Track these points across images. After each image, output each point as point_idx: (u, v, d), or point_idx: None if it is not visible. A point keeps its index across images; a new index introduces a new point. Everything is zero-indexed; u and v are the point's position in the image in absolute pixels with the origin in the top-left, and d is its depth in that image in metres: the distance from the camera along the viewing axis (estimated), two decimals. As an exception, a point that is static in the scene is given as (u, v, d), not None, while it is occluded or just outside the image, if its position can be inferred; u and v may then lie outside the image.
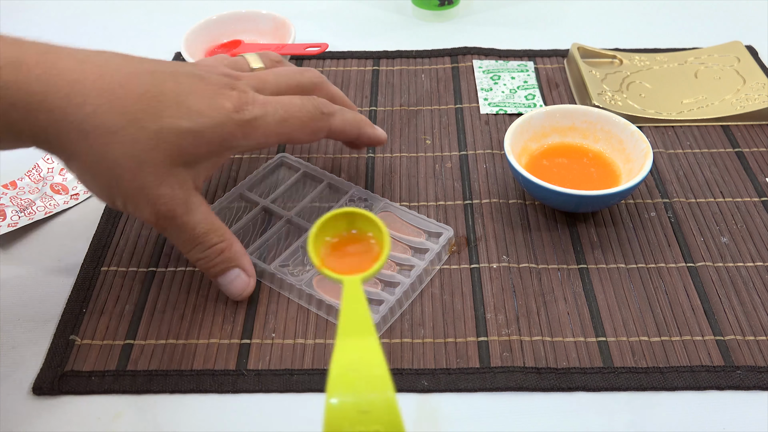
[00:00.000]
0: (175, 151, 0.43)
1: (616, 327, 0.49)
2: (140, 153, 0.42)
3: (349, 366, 0.29)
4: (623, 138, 0.57)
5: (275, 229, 0.54)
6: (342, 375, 0.29)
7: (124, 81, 0.42)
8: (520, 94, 0.69)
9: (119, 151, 0.41)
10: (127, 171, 0.42)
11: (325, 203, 0.57)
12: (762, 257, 0.53)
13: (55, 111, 0.40)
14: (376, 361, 0.30)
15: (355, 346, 0.30)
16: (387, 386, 0.29)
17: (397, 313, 0.49)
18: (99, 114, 0.41)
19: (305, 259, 0.52)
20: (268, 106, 0.46)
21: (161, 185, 0.43)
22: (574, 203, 0.53)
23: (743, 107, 0.65)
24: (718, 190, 0.58)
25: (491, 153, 0.62)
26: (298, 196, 0.57)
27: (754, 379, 0.45)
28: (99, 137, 0.41)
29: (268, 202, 0.56)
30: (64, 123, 0.40)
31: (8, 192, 0.59)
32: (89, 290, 0.52)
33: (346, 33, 0.80)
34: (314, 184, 0.58)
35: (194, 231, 0.46)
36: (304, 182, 0.59)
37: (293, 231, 0.54)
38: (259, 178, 0.59)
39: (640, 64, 0.72)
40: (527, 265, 0.52)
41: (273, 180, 0.59)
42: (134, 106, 0.41)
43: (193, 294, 0.51)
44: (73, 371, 0.46)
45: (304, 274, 0.50)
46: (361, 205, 0.54)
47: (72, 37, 0.80)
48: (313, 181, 0.58)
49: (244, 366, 0.47)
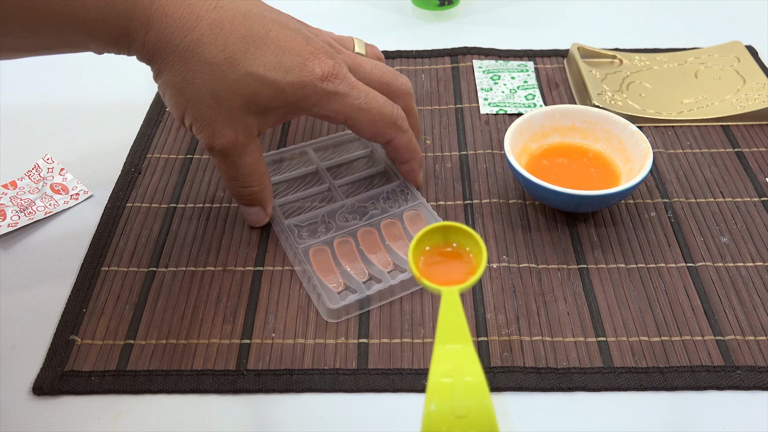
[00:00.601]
0: (252, 99, 0.46)
1: (616, 327, 0.49)
2: (223, 92, 0.45)
3: (446, 373, 0.30)
4: (623, 138, 0.57)
5: (314, 191, 0.58)
6: (440, 382, 0.30)
7: (234, 18, 0.45)
8: (520, 94, 0.69)
9: (206, 83, 0.45)
10: (205, 103, 0.45)
11: (366, 187, 0.58)
12: (762, 257, 0.53)
13: (166, 28, 0.43)
14: (472, 368, 0.31)
15: (452, 354, 0.31)
16: (483, 393, 0.30)
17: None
18: (203, 43, 0.44)
19: (319, 228, 0.54)
20: (354, 90, 0.49)
21: (228, 125, 0.47)
22: (574, 203, 0.53)
23: (743, 107, 0.65)
24: (718, 190, 0.58)
25: (491, 153, 0.62)
26: (350, 171, 0.59)
27: (754, 379, 0.45)
28: (195, 64, 0.44)
29: (323, 165, 0.59)
30: (170, 40, 0.44)
31: (8, 192, 0.59)
32: (89, 290, 0.52)
33: (346, 33, 0.79)
34: (371, 167, 0.59)
35: (239, 171, 0.50)
36: (367, 161, 0.60)
37: (327, 198, 0.57)
38: (331, 144, 0.62)
39: (640, 64, 0.72)
40: (527, 265, 0.52)
41: (342, 149, 0.62)
42: (234, 46, 0.45)
43: (193, 294, 0.51)
44: (73, 371, 0.46)
45: (310, 240, 0.52)
46: (399, 196, 0.56)
47: (72, 37, 0.80)
48: (373, 165, 0.59)
49: (244, 366, 0.47)
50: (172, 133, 0.65)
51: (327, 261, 0.51)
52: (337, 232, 0.53)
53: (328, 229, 0.53)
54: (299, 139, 0.64)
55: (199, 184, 0.60)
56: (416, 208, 0.55)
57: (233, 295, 0.51)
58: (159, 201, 0.59)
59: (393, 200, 0.55)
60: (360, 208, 0.55)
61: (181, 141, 0.64)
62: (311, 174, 0.60)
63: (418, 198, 0.56)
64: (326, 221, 0.54)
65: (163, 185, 0.60)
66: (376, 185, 0.58)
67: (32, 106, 0.70)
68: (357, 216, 0.55)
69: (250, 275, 0.52)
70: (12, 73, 0.74)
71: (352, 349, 0.48)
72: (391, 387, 0.46)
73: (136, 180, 0.61)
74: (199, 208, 0.58)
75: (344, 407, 0.45)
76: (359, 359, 0.47)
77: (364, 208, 0.55)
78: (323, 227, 0.54)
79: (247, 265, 0.53)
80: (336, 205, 0.56)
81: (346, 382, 0.46)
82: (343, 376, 0.46)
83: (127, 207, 0.58)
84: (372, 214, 0.55)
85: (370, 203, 0.56)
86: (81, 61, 0.76)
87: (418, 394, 0.45)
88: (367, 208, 0.55)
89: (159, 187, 0.60)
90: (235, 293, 0.51)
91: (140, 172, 0.61)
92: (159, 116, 0.67)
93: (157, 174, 0.61)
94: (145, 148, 0.64)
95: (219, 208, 0.58)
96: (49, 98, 0.71)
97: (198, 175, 0.61)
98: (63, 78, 0.73)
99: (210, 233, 0.56)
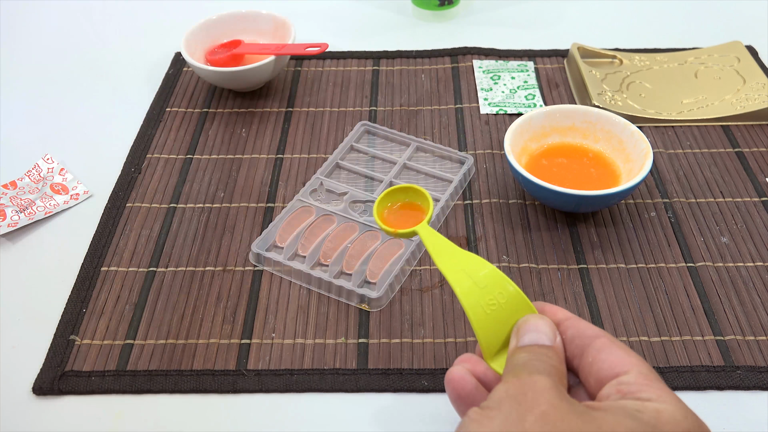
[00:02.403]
0: None
1: (616, 327, 0.48)
2: None
3: (456, 269, 0.38)
4: (623, 138, 0.57)
5: (373, 174, 0.60)
6: (456, 276, 0.38)
7: None
8: (520, 94, 0.69)
9: None
10: None
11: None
12: (762, 257, 0.53)
13: None
14: (468, 256, 0.39)
15: (452, 258, 0.39)
16: (485, 264, 0.38)
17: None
18: None
19: (332, 197, 0.58)
20: None
21: None
22: (574, 203, 0.53)
23: (743, 107, 0.65)
24: (718, 190, 0.58)
25: (491, 153, 0.62)
26: (417, 180, 0.60)
27: (754, 379, 0.45)
28: None
29: (406, 162, 0.61)
30: None
31: (8, 192, 0.59)
32: (89, 290, 0.52)
33: (346, 33, 0.80)
34: (434, 189, 0.59)
35: None
36: (436, 182, 0.60)
37: (371, 186, 0.59)
38: (432, 150, 0.63)
39: (640, 64, 0.72)
40: (527, 265, 0.52)
41: (438, 161, 0.63)
42: None
43: (193, 294, 0.51)
44: (73, 371, 0.46)
45: (310, 198, 0.57)
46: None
47: (72, 37, 0.80)
48: (436, 189, 0.59)
49: (244, 366, 0.47)
50: (172, 133, 0.65)
51: (299, 221, 0.55)
52: (334, 209, 0.55)
53: (331, 201, 0.57)
54: (299, 139, 0.64)
55: (199, 184, 0.60)
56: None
57: (233, 295, 0.51)
58: (159, 201, 0.59)
59: None
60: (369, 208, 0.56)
61: (181, 141, 0.64)
62: (391, 162, 0.61)
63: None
64: (343, 197, 0.57)
65: (163, 185, 0.60)
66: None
67: (32, 106, 0.70)
68: (366, 213, 0.56)
69: (250, 275, 0.52)
70: (12, 73, 0.74)
71: (352, 349, 0.48)
72: (391, 387, 0.46)
73: (136, 180, 0.61)
74: (199, 208, 0.58)
75: (344, 407, 0.45)
76: (359, 359, 0.47)
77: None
78: (335, 198, 0.57)
79: (247, 265, 0.53)
80: (362, 195, 0.57)
81: (346, 382, 0.46)
82: (343, 376, 0.46)
83: (127, 207, 0.58)
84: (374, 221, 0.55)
85: None
86: (81, 61, 0.76)
87: (419, 394, 0.45)
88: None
89: (159, 187, 0.60)
90: (235, 293, 0.51)
91: (140, 172, 0.61)
92: (159, 116, 0.67)
93: (157, 174, 0.61)
94: (145, 148, 0.64)
95: (219, 208, 0.58)
96: (49, 98, 0.71)
97: (198, 175, 0.61)
98: (63, 78, 0.73)
99: (210, 233, 0.56)
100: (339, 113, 0.67)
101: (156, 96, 0.70)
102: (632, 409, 0.32)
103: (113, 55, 0.77)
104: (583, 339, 0.36)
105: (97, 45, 0.79)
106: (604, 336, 0.36)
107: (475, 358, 0.39)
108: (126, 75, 0.73)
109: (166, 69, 0.74)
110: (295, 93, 0.70)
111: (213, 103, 0.69)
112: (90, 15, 0.84)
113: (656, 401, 0.32)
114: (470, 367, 0.38)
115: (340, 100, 0.69)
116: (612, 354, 0.35)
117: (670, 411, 0.32)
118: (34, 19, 0.84)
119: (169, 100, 0.69)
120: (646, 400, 0.32)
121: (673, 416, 0.32)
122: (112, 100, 0.70)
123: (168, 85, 0.71)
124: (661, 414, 0.32)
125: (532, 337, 0.36)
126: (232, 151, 0.63)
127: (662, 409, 0.32)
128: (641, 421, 0.31)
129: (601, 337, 0.36)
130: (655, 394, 0.33)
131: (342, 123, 0.66)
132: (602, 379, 0.34)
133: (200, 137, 0.65)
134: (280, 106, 0.68)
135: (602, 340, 0.36)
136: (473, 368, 0.38)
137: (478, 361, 0.38)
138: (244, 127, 0.66)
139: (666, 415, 0.31)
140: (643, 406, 0.32)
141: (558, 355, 0.36)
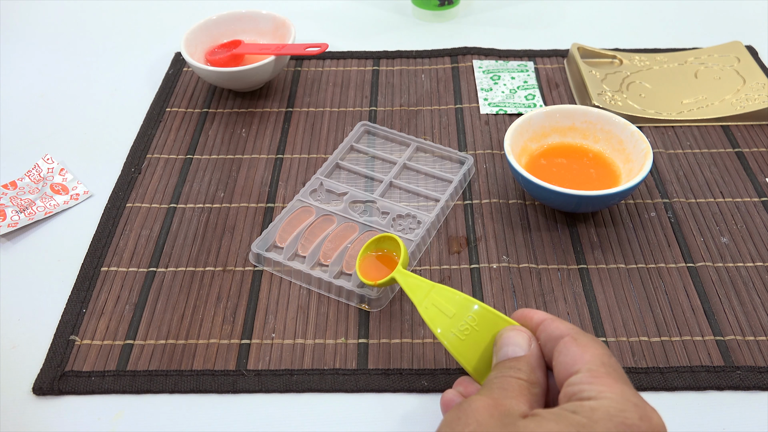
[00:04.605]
0: None
1: (616, 327, 0.49)
2: None
3: (431, 305, 0.41)
4: (623, 138, 0.57)
5: (372, 174, 0.60)
6: (429, 312, 0.41)
7: None
8: (520, 94, 0.69)
9: None
10: None
11: (406, 202, 0.58)
12: (762, 257, 0.53)
13: None
14: (438, 290, 0.42)
15: (424, 296, 0.42)
16: (453, 293, 0.41)
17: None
18: None
19: (332, 197, 0.58)
20: None
21: None
22: (574, 203, 0.53)
23: (743, 107, 0.65)
24: (718, 190, 0.58)
25: (491, 153, 0.62)
26: (417, 182, 0.60)
27: (754, 379, 0.45)
28: None
29: (406, 162, 0.61)
30: None
31: (8, 192, 0.59)
32: (89, 290, 0.52)
33: (346, 33, 0.80)
34: (434, 189, 0.59)
35: None
36: (436, 183, 0.60)
37: (371, 187, 0.59)
38: (431, 151, 0.63)
39: (640, 64, 0.72)
40: (527, 265, 0.52)
41: (437, 161, 0.63)
42: None
43: (193, 294, 0.51)
44: (73, 371, 0.46)
45: (310, 198, 0.57)
46: (411, 224, 0.56)
47: (72, 37, 0.80)
48: (437, 190, 0.59)
49: (244, 366, 0.47)
50: (172, 133, 0.65)
51: (299, 221, 0.55)
52: (334, 209, 0.55)
53: (331, 201, 0.57)
54: (299, 140, 0.64)
55: (199, 184, 0.60)
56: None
57: (233, 296, 0.51)
58: (159, 201, 0.59)
59: (401, 225, 0.55)
60: (378, 211, 0.56)
61: (181, 141, 0.64)
62: (391, 162, 0.61)
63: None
64: (343, 197, 0.57)
65: (163, 185, 0.60)
66: (418, 208, 0.57)
67: (32, 106, 0.70)
68: (366, 214, 0.56)
69: (250, 275, 0.52)
70: (12, 73, 0.74)
71: (352, 349, 0.48)
72: (391, 387, 0.46)
73: (136, 180, 0.61)
74: (199, 209, 0.58)
75: (344, 407, 0.45)
76: (359, 359, 0.47)
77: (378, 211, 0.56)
78: (335, 198, 0.57)
79: (247, 265, 0.53)
80: (362, 195, 0.57)
81: (346, 382, 0.46)
82: (342, 377, 0.46)
83: (127, 207, 0.58)
84: (374, 221, 0.55)
85: (382, 213, 0.56)
86: (81, 61, 0.76)
87: (418, 395, 0.45)
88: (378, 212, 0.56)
89: (159, 187, 0.60)
90: (235, 293, 0.51)
91: (140, 172, 0.61)
92: (159, 116, 0.67)
93: (157, 174, 0.61)
94: (145, 148, 0.64)
95: (219, 208, 0.58)
96: (49, 98, 0.71)
97: (198, 175, 0.61)
98: (63, 78, 0.73)
99: (210, 233, 0.56)
100: (339, 113, 0.67)
101: (156, 96, 0.70)
102: (569, 411, 0.32)
103: (113, 55, 0.77)
104: (552, 341, 0.37)
105: (97, 45, 0.79)
106: (568, 335, 0.36)
107: (468, 380, 0.40)
108: (126, 75, 0.73)
109: (166, 69, 0.74)
110: (295, 93, 0.70)
111: (213, 103, 0.69)
112: (90, 15, 0.84)
113: (596, 399, 0.32)
114: (462, 389, 0.40)
115: (340, 100, 0.69)
116: (568, 354, 0.35)
117: (605, 406, 0.32)
118: (34, 18, 0.84)
119: (169, 100, 0.69)
120: (586, 399, 0.32)
121: (606, 412, 0.31)
122: (112, 100, 0.70)
123: (168, 85, 0.71)
124: (594, 411, 0.31)
125: (506, 351, 0.37)
126: (232, 151, 0.63)
127: (597, 407, 0.32)
128: (569, 423, 0.31)
129: (564, 337, 0.36)
130: (597, 391, 0.32)
131: (342, 123, 0.66)
132: (561, 381, 0.35)
133: (200, 137, 0.65)
134: (280, 106, 0.68)
135: (564, 340, 0.36)
136: (465, 389, 0.39)
137: (470, 382, 0.40)
138: (244, 127, 0.66)
139: (599, 413, 0.31)
140: (580, 406, 0.32)
141: (529, 364, 0.36)
